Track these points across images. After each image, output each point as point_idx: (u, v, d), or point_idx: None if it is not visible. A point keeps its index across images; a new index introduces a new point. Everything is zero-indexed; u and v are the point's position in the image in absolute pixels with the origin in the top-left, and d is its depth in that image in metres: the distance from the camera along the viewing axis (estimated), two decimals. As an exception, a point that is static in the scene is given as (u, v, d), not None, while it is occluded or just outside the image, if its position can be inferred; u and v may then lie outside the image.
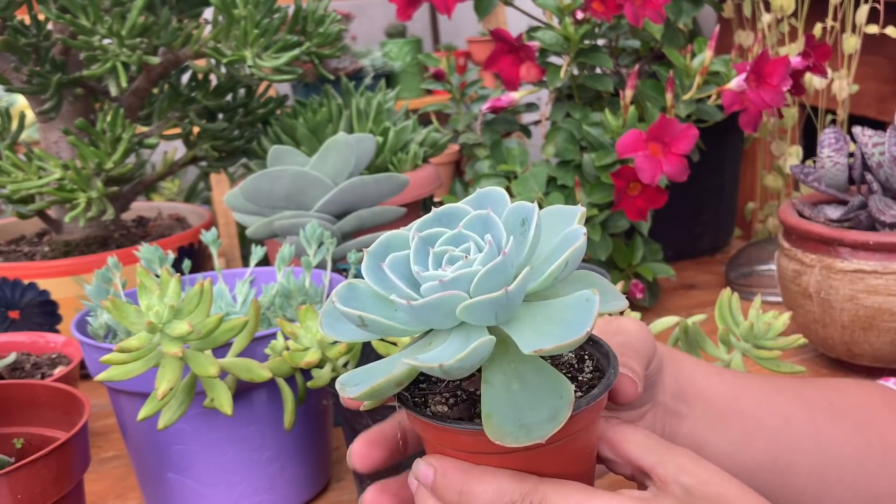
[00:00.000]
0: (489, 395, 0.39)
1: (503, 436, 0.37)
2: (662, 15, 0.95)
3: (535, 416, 0.38)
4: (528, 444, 0.37)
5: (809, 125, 1.23)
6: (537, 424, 0.38)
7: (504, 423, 0.38)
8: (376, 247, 0.41)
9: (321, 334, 0.59)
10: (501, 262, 0.37)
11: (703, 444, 0.52)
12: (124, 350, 0.53)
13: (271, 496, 0.69)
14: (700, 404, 0.52)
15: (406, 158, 1.02)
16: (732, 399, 0.53)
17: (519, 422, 0.38)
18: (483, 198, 0.42)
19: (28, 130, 2.04)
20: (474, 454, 0.41)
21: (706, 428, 0.52)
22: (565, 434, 0.39)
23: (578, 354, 0.45)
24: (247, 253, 1.76)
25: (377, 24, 2.88)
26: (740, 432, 0.52)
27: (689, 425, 0.52)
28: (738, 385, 0.54)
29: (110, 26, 0.88)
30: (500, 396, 0.39)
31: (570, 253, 0.39)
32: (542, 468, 0.40)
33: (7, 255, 1.05)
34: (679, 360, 0.53)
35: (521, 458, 0.40)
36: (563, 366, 0.45)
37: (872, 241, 0.79)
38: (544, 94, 1.07)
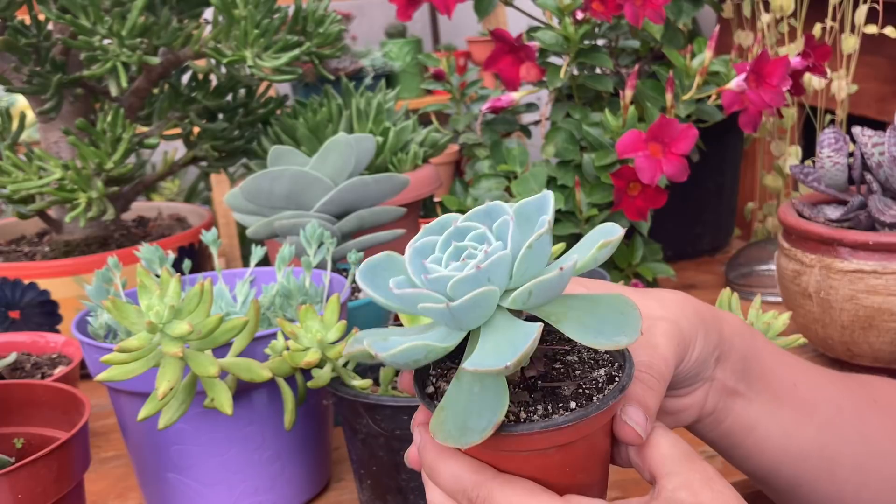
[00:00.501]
0: (454, 391, 0.40)
1: (439, 430, 0.39)
2: (662, 15, 0.95)
3: (476, 424, 0.39)
4: (454, 445, 0.39)
5: (809, 125, 1.23)
6: (473, 432, 0.39)
7: (450, 419, 0.39)
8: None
9: (321, 334, 0.59)
10: (539, 240, 0.38)
11: (755, 425, 0.52)
12: (124, 350, 0.53)
13: (271, 496, 0.69)
14: (760, 384, 0.52)
15: (406, 158, 1.02)
16: (791, 384, 0.53)
17: (463, 424, 0.39)
18: (491, 209, 0.42)
19: (28, 130, 2.04)
20: (523, 452, 0.41)
21: (760, 409, 0.51)
22: (553, 443, 0.40)
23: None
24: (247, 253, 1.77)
25: (377, 24, 2.88)
26: (794, 418, 0.52)
27: (743, 404, 0.51)
28: (799, 370, 0.54)
29: (110, 26, 0.88)
30: (462, 396, 0.40)
31: (610, 242, 0.40)
32: (547, 473, 0.41)
33: (7, 255, 1.05)
34: (753, 338, 0.52)
35: (525, 458, 0.41)
36: (580, 363, 0.45)
37: (872, 241, 0.79)
38: (544, 94, 1.07)
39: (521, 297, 0.38)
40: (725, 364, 0.50)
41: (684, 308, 0.49)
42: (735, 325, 0.51)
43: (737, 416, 0.51)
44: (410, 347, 0.38)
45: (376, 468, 0.65)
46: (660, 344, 0.46)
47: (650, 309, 0.48)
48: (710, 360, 0.49)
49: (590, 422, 0.40)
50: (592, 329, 0.40)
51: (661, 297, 0.49)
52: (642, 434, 0.43)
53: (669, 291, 0.51)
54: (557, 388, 0.43)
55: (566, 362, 0.45)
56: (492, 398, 0.40)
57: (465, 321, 0.39)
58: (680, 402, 0.51)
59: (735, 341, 0.51)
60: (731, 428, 0.52)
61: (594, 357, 0.45)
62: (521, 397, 0.42)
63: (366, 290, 0.41)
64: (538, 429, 0.40)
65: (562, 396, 0.42)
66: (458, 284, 0.38)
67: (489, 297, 0.38)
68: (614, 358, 0.44)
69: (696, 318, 0.49)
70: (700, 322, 0.49)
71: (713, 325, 0.50)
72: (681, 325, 0.48)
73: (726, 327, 0.51)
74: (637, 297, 0.48)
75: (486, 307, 0.39)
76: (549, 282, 0.38)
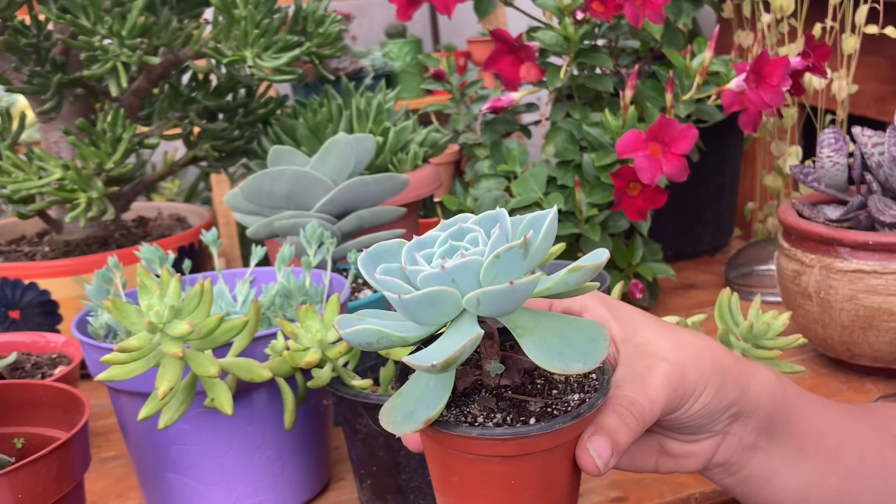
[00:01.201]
0: (412, 382, 0.43)
1: (386, 415, 0.41)
2: (662, 15, 0.95)
3: (419, 415, 0.40)
4: (394, 431, 0.41)
5: (809, 125, 1.23)
6: (413, 422, 0.40)
7: (400, 407, 0.41)
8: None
9: (321, 334, 0.59)
10: (515, 249, 0.38)
11: (773, 477, 0.50)
12: (125, 350, 0.53)
13: (271, 496, 0.69)
14: (784, 437, 0.50)
15: (406, 158, 1.02)
16: (818, 435, 0.51)
17: (409, 413, 0.41)
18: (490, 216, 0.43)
19: (28, 130, 2.04)
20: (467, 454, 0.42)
21: (781, 462, 0.50)
22: (494, 452, 0.41)
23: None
24: (247, 253, 1.77)
25: (377, 24, 2.88)
26: (817, 469, 0.51)
27: (763, 457, 0.50)
28: (826, 418, 0.52)
29: (111, 26, 0.88)
30: (418, 388, 0.42)
31: (582, 267, 0.40)
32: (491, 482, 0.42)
33: (7, 255, 1.05)
34: (784, 393, 0.50)
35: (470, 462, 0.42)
36: (564, 384, 0.45)
37: (872, 241, 0.79)
38: (544, 94, 1.07)
39: (472, 303, 0.39)
40: (747, 421, 0.49)
41: (700, 356, 0.47)
42: (766, 382, 0.49)
43: (754, 468, 0.50)
44: (363, 330, 0.40)
45: (376, 468, 0.65)
46: (652, 385, 0.45)
47: (660, 348, 0.46)
48: (721, 415, 0.47)
49: (531, 440, 0.40)
50: (552, 350, 0.40)
51: (681, 338, 0.47)
52: (601, 467, 0.42)
53: (695, 335, 0.48)
54: (525, 402, 0.43)
55: (550, 380, 0.45)
56: (438, 394, 0.41)
57: (418, 315, 0.40)
58: (683, 447, 0.50)
59: (763, 399, 0.48)
60: (746, 478, 0.50)
61: (581, 382, 0.45)
62: (488, 403, 0.43)
63: (361, 269, 0.42)
64: (474, 434, 0.40)
65: (527, 410, 0.42)
66: (424, 280, 0.39)
67: (443, 297, 0.39)
68: (600, 388, 0.44)
69: (711, 368, 0.46)
70: (716, 374, 0.47)
71: (735, 380, 0.47)
72: (686, 372, 0.46)
73: (754, 385, 0.48)
74: (653, 332, 0.47)
75: (442, 306, 0.39)
76: (498, 292, 0.38)
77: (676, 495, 0.69)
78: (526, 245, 0.38)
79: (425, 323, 0.41)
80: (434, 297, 0.38)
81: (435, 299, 0.39)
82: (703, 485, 0.70)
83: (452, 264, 0.38)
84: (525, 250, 0.38)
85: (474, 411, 0.42)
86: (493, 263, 0.38)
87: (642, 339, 0.47)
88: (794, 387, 0.52)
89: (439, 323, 0.41)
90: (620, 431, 0.43)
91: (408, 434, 0.41)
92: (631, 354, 0.47)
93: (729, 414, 0.48)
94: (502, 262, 0.38)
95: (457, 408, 0.43)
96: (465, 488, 0.43)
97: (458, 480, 0.43)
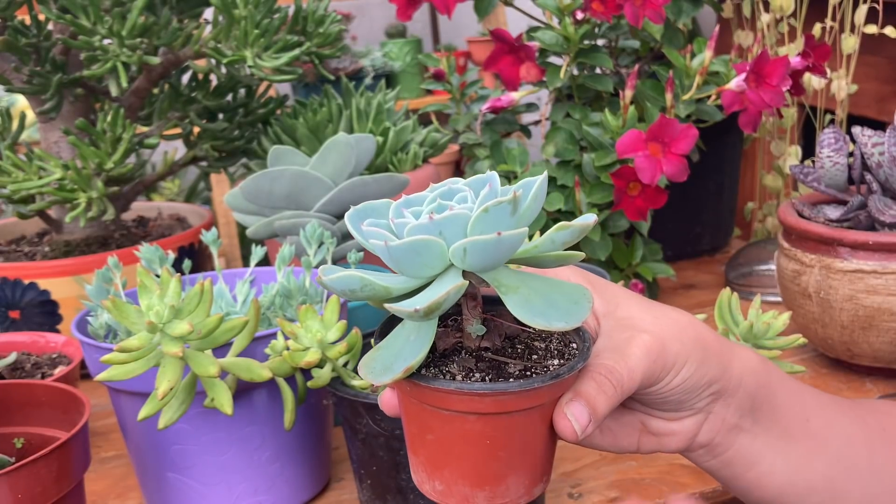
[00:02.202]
0: (394, 334, 0.43)
1: (365, 366, 0.41)
2: (662, 15, 0.95)
3: (398, 366, 0.41)
4: (373, 381, 0.41)
5: (809, 125, 1.23)
6: (392, 372, 0.41)
7: (380, 358, 0.41)
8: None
9: (321, 334, 0.59)
10: (505, 203, 0.38)
11: (758, 460, 0.50)
12: (124, 350, 0.53)
13: (271, 496, 0.69)
14: (768, 420, 0.50)
15: (406, 158, 1.02)
16: (804, 419, 0.51)
17: (389, 364, 0.41)
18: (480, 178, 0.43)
19: (28, 130, 2.04)
20: (444, 411, 0.42)
21: (766, 445, 0.50)
22: (471, 409, 0.41)
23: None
24: (247, 253, 1.76)
25: (377, 24, 2.88)
26: (803, 453, 0.51)
27: (747, 439, 0.50)
28: (812, 404, 0.52)
29: (111, 26, 0.88)
30: (399, 340, 0.42)
31: (570, 226, 0.40)
32: (467, 440, 0.42)
33: (7, 255, 1.05)
34: (767, 374, 0.50)
35: (446, 418, 0.42)
36: (544, 350, 0.45)
37: (872, 241, 0.80)
38: (544, 94, 1.07)
39: (458, 254, 0.39)
40: (729, 400, 0.49)
41: (683, 331, 0.47)
42: (748, 362, 0.49)
43: (738, 450, 0.50)
44: (347, 276, 0.40)
45: (376, 468, 0.65)
46: (632, 354, 0.45)
47: (642, 321, 0.47)
48: (702, 391, 0.48)
49: (509, 398, 0.41)
50: (535, 309, 0.40)
51: (663, 312, 0.48)
52: (579, 432, 0.43)
53: (678, 311, 0.49)
54: (505, 365, 0.43)
55: (531, 347, 0.45)
56: (418, 346, 0.41)
57: (404, 264, 0.40)
58: (665, 425, 0.50)
59: (745, 379, 0.49)
60: (731, 460, 0.50)
61: (561, 350, 0.45)
62: (467, 363, 0.43)
63: (348, 224, 0.42)
64: (453, 387, 0.40)
65: (506, 373, 0.42)
66: (411, 230, 0.39)
67: (430, 246, 0.39)
68: (579, 354, 0.44)
69: (693, 344, 0.47)
70: (698, 350, 0.47)
71: (717, 357, 0.48)
72: (666, 345, 0.46)
73: (737, 363, 0.49)
74: (637, 307, 0.48)
75: (428, 256, 0.39)
76: (485, 242, 0.38)
77: (677, 495, 0.69)
78: (515, 201, 0.38)
79: (410, 274, 0.41)
80: (421, 245, 0.38)
81: (421, 248, 0.39)
82: (703, 484, 0.70)
83: (441, 216, 0.39)
84: (514, 206, 0.38)
85: (453, 370, 0.42)
86: (481, 217, 0.38)
87: (624, 314, 0.48)
88: (778, 371, 0.52)
89: (424, 275, 0.41)
90: (598, 398, 0.43)
91: (386, 383, 0.41)
92: (612, 328, 0.47)
93: (710, 391, 0.48)
94: (490, 216, 0.38)
95: (436, 367, 0.43)
96: (439, 447, 0.43)
97: (433, 439, 0.43)
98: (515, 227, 0.39)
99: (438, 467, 0.43)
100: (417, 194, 0.43)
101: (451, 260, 0.40)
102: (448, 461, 0.43)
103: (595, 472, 0.73)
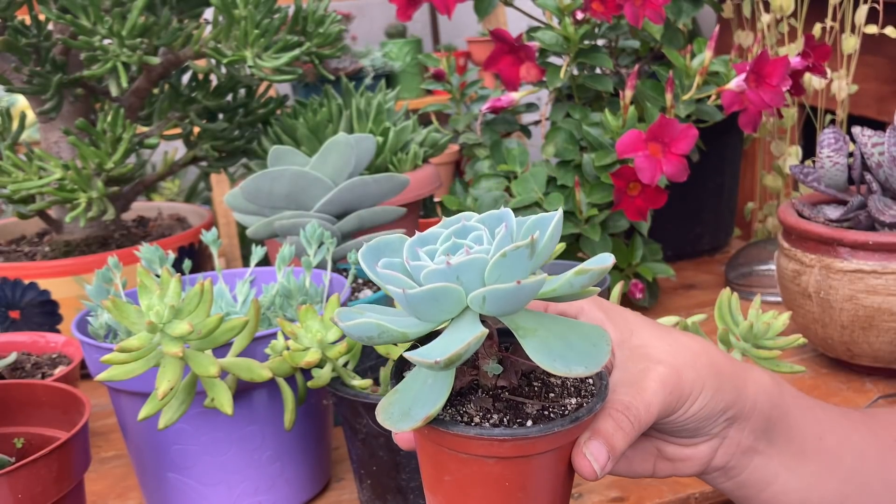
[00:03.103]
0: (411, 379, 0.42)
1: (383, 411, 0.41)
2: (662, 15, 0.95)
3: (417, 413, 0.40)
4: (391, 428, 0.41)
5: (809, 125, 1.23)
6: (411, 419, 0.40)
7: (397, 403, 0.41)
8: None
9: (321, 334, 0.59)
10: (520, 249, 0.38)
11: (772, 480, 0.50)
12: (125, 350, 0.53)
13: (271, 496, 0.69)
14: (782, 441, 0.50)
15: (406, 158, 1.02)
16: (817, 437, 0.51)
17: (407, 410, 0.41)
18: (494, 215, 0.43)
19: (28, 130, 2.04)
20: (463, 454, 0.42)
21: (780, 465, 0.50)
22: (491, 453, 0.41)
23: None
24: (247, 253, 1.76)
25: (377, 24, 2.88)
26: (817, 471, 0.51)
27: (762, 461, 0.50)
28: (825, 421, 0.52)
29: (111, 26, 0.88)
30: (416, 385, 0.42)
31: (589, 270, 0.40)
32: (485, 483, 0.42)
33: (7, 254, 1.05)
34: (780, 395, 0.50)
35: (464, 461, 0.42)
36: (560, 387, 0.45)
37: (872, 241, 0.79)
38: (544, 94, 1.07)
39: (477, 301, 0.39)
40: (744, 424, 0.48)
41: (697, 358, 0.47)
42: (762, 384, 0.49)
43: (753, 471, 0.50)
44: (364, 324, 0.39)
45: (376, 468, 0.65)
46: (648, 388, 0.45)
47: (657, 350, 0.46)
48: (717, 417, 0.47)
49: (528, 442, 0.40)
50: (554, 353, 0.40)
51: (677, 341, 0.47)
52: (598, 472, 0.42)
53: (691, 337, 0.48)
54: (522, 404, 0.43)
55: (547, 384, 0.45)
56: (437, 392, 0.40)
57: (421, 311, 0.40)
58: (681, 451, 0.50)
59: (760, 401, 0.48)
60: (745, 481, 0.50)
61: (577, 385, 0.45)
62: (485, 403, 0.42)
63: (362, 263, 0.42)
64: (472, 433, 0.40)
65: (523, 413, 0.42)
66: (428, 275, 0.39)
67: (448, 293, 0.38)
68: (596, 391, 0.44)
69: (708, 370, 0.46)
70: (712, 376, 0.46)
71: (731, 382, 0.47)
72: (682, 374, 0.46)
73: (751, 386, 0.48)
74: (650, 335, 0.47)
75: (446, 302, 0.39)
76: (504, 291, 0.38)
77: (676, 495, 0.69)
78: (533, 245, 0.38)
79: (427, 319, 0.41)
80: (439, 293, 0.38)
81: (440, 296, 0.38)
82: (703, 485, 0.70)
83: (458, 261, 0.38)
84: (531, 250, 0.38)
85: (470, 411, 0.42)
86: (499, 262, 0.38)
87: (638, 342, 0.47)
88: (791, 390, 0.51)
89: (441, 320, 0.41)
90: (616, 436, 0.43)
91: (406, 431, 0.41)
92: (627, 358, 0.47)
93: (726, 417, 0.48)
94: (508, 261, 0.38)
95: (452, 407, 0.43)
96: (457, 488, 0.43)
97: (451, 480, 0.43)
98: (532, 269, 0.39)
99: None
100: (431, 230, 0.42)
101: (468, 304, 0.39)
102: (466, 502, 0.43)
103: (595, 472, 0.73)
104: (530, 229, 0.41)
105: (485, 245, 0.40)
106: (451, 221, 0.42)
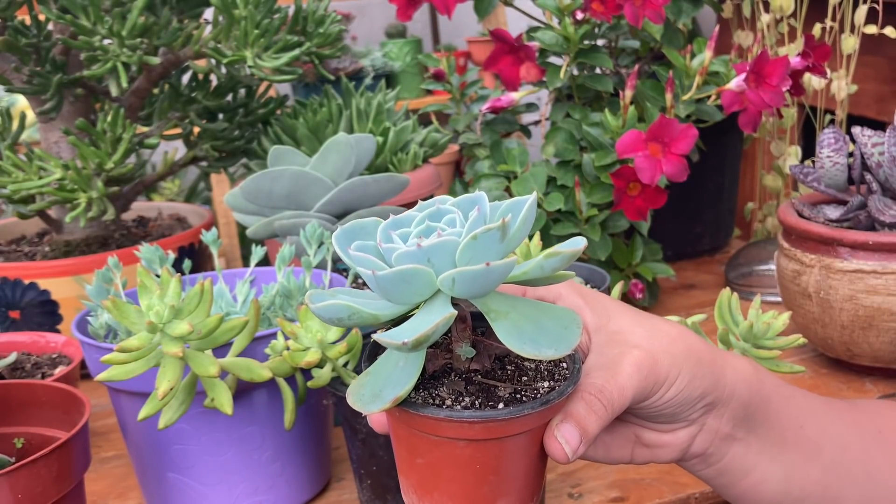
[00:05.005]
0: (382, 361, 0.43)
1: (354, 393, 0.41)
2: (662, 15, 0.95)
3: (387, 394, 0.40)
4: (361, 410, 0.41)
5: (809, 125, 1.23)
6: (381, 401, 0.40)
7: (369, 385, 0.41)
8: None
9: (321, 334, 0.59)
10: (492, 230, 0.38)
11: (752, 468, 0.50)
12: (125, 350, 0.53)
13: (271, 496, 0.69)
14: (763, 429, 0.50)
15: (406, 158, 1.02)
16: (798, 426, 0.51)
17: (378, 392, 0.41)
18: (468, 199, 0.43)
19: (28, 130, 2.04)
20: (434, 436, 0.42)
21: (760, 453, 0.50)
22: (461, 435, 0.41)
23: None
24: (247, 253, 1.76)
25: (377, 24, 2.88)
26: (797, 460, 0.50)
27: (741, 448, 0.50)
28: (806, 410, 0.52)
29: (111, 26, 0.88)
30: (387, 367, 0.42)
31: (559, 253, 0.40)
32: (456, 464, 0.42)
33: (7, 255, 1.05)
34: (760, 383, 0.50)
35: (435, 443, 0.42)
36: (534, 371, 0.45)
37: (872, 241, 0.80)
38: (544, 94, 1.07)
39: (447, 283, 0.39)
40: (722, 410, 0.48)
41: (674, 343, 0.46)
42: (741, 371, 0.49)
43: (732, 459, 0.50)
44: (334, 305, 0.39)
45: (376, 468, 0.65)
46: (623, 372, 0.45)
47: (634, 336, 0.46)
48: (695, 403, 0.47)
49: (498, 424, 0.40)
50: (525, 336, 0.40)
51: (655, 326, 0.47)
52: (570, 454, 0.42)
53: (669, 323, 0.48)
54: (495, 388, 0.43)
55: (521, 367, 0.45)
56: (407, 374, 0.41)
57: (392, 293, 0.40)
58: (659, 437, 0.49)
59: (739, 388, 0.48)
60: (725, 468, 0.50)
61: (551, 370, 0.45)
62: (457, 387, 0.43)
63: (335, 245, 0.42)
64: (442, 415, 0.40)
65: (495, 395, 0.42)
66: (399, 257, 0.39)
67: (418, 275, 0.38)
68: (570, 375, 0.44)
69: (685, 356, 0.46)
70: (690, 362, 0.46)
71: (709, 368, 0.47)
72: (658, 359, 0.45)
73: (730, 373, 0.48)
74: (628, 320, 0.47)
75: (417, 284, 0.39)
76: (474, 273, 0.38)
77: (676, 495, 0.69)
78: (504, 228, 0.38)
79: (398, 301, 0.41)
80: (409, 274, 0.38)
81: (410, 277, 0.38)
82: (703, 485, 0.70)
83: (429, 243, 0.38)
84: (503, 233, 0.38)
85: (443, 394, 0.42)
86: (469, 244, 0.38)
87: (615, 328, 0.47)
88: (772, 378, 0.51)
89: (412, 302, 0.41)
90: (589, 419, 0.43)
91: (374, 413, 0.41)
92: (603, 343, 0.47)
93: (703, 403, 0.48)
94: (479, 243, 0.38)
95: (425, 390, 0.43)
96: (429, 470, 0.43)
97: (423, 462, 0.43)
98: (504, 252, 0.39)
99: (428, 490, 0.43)
100: (406, 213, 0.42)
101: (439, 287, 0.39)
102: (438, 484, 0.43)
103: (595, 472, 0.73)
104: (503, 213, 0.41)
105: (457, 228, 0.40)
106: (427, 205, 0.42)
